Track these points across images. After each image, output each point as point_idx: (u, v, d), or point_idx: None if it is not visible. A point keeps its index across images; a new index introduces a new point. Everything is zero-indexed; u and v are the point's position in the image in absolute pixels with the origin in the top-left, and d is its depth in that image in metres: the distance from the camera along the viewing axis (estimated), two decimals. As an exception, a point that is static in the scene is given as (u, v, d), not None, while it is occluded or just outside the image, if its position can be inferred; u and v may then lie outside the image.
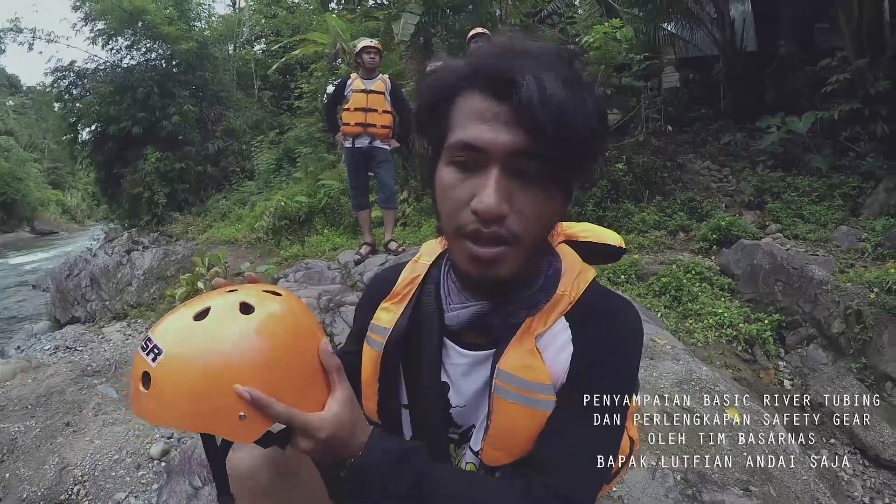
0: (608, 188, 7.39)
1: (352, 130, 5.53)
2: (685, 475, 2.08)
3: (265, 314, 0.93)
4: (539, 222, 0.93)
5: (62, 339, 7.42)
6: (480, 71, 0.90)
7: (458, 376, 1.12)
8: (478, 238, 0.91)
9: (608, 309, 1.08)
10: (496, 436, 1.04)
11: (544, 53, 0.89)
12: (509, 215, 0.89)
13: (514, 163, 0.88)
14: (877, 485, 3.60)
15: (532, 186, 0.90)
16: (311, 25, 14.39)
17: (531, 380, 1.01)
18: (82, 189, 40.50)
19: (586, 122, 0.86)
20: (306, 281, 5.74)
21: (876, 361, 4.04)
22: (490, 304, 1.05)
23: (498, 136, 0.86)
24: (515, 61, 0.87)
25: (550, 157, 0.86)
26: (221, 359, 0.86)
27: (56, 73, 16.86)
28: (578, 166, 0.93)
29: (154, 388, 0.86)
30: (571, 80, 0.87)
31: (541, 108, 0.83)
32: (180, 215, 14.53)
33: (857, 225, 6.05)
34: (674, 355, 3.35)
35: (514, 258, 0.93)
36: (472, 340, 1.10)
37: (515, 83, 0.84)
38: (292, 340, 0.95)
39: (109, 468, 3.64)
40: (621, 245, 1.29)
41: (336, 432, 0.92)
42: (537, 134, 0.84)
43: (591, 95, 0.89)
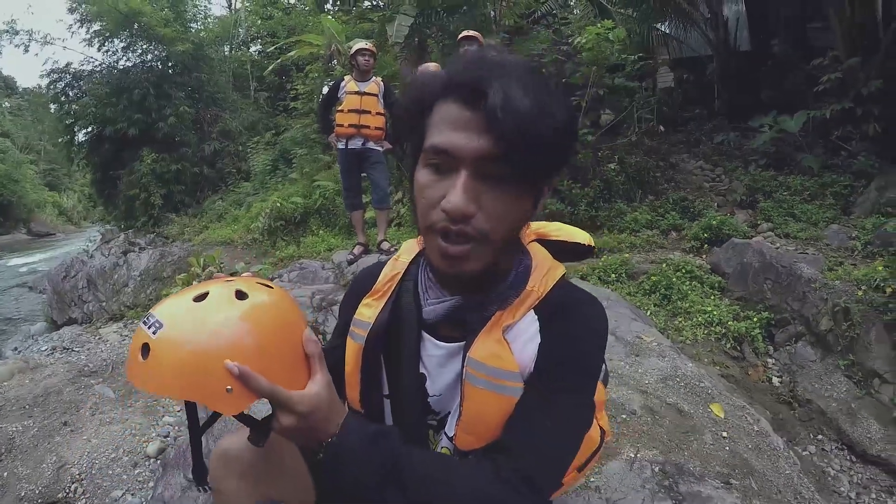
0: (601, 188, 7.42)
1: (345, 132, 5.57)
2: (663, 467, 2.12)
3: (257, 302, 1.01)
4: (505, 222, 0.98)
5: (59, 340, 7.46)
6: (455, 81, 0.95)
7: (435, 367, 1.18)
8: (447, 235, 0.97)
9: (575, 304, 1.13)
10: (468, 421, 1.10)
11: (514, 66, 0.94)
12: (476, 215, 0.94)
13: (483, 166, 0.93)
14: (864, 480, 3.63)
15: (499, 188, 0.94)
16: (306, 27, 14.41)
17: (499, 367, 1.06)
18: (78, 191, 40.47)
19: (551, 129, 0.91)
20: (300, 280, 5.78)
21: (863, 358, 4.07)
22: (464, 299, 1.11)
23: (468, 141, 0.92)
24: (486, 72, 0.92)
25: (515, 162, 0.91)
26: (215, 337, 0.94)
27: (52, 74, 16.88)
28: (544, 171, 0.98)
29: (152, 358, 0.93)
30: (538, 90, 0.91)
31: (506, 116, 0.88)
32: (176, 216, 14.56)
33: (848, 223, 6.08)
34: (659, 352, 3.39)
35: (481, 255, 0.99)
36: (447, 333, 1.16)
37: (484, 93, 0.90)
38: (279, 327, 1.02)
39: (106, 466, 3.67)
40: (590, 244, 1.34)
41: (315, 411, 0.96)
42: (503, 140, 0.89)
43: (558, 105, 0.93)
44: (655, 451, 2.30)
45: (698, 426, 2.65)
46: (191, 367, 0.92)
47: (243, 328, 0.96)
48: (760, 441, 2.76)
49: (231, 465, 1.25)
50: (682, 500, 1.96)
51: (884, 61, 7.00)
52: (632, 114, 8.77)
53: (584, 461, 1.40)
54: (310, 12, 16.61)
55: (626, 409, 2.68)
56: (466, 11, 9.58)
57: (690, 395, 2.97)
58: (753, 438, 2.75)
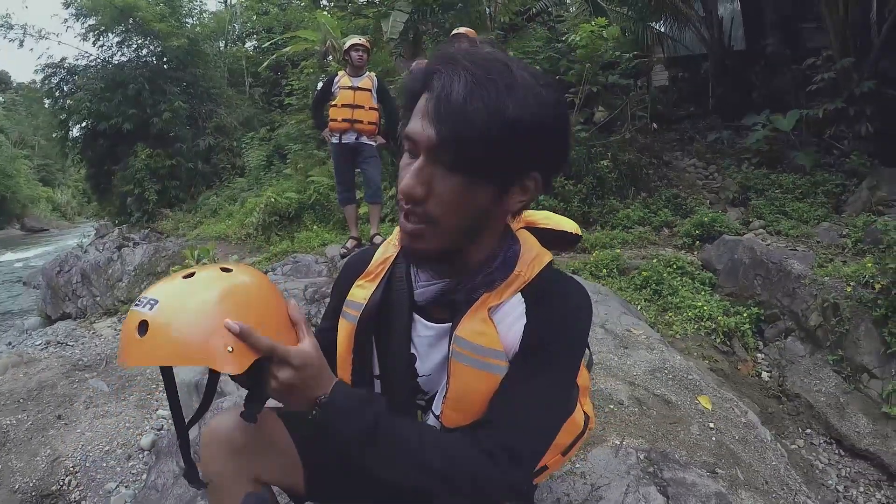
0: (594, 185, 7.46)
1: (339, 126, 5.59)
2: (648, 454, 2.14)
3: (242, 274, 1.10)
4: (456, 209, 1.00)
5: (53, 335, 7.45)
6: (426, 74, 0.99)
7: (425, 347, 1.21)
8: (405, 214, 1.03)
9: (561, 288, 1.17)
10: (454, 398, 1.14)
11: (474, 60, 0.95)
12: (427, 198, 0.99)
13: (435, 154, 0.96)
14: (852, 474, 3.66)
15: (450, 177, 0.97)
16: (301, 22, 14.38)
17: (484, 345, 1.10)
18: (72, 186, 40.33)
19: (495, 125, 0.91)
20: (294, 274, 5.80)
21: (852, 353, 4.11)
22: (453, 281, 1.15)
23: (422, 129, 0.96)
24: (440, 64, 0.96)
25: (454, 153, 0.94)
26: (211, 303, 1.00)
27: (47, 69, 16.78)
28: (498, 165, 0.97)
29: (151, 331, 0.96)
30: (489, 85, 0.92)
31: (439, 106, 0.93)
32: (171, 212, 14.54)
33: (839, 222, 6.11)
34: (648, 345, 3.41)
35: (432, 237, 1.03)
36: (438, 315, 1.19)
37: (433, 83, 0.96)
38: (266, 295, 1.09)
39: (100, 459, 3.68)
40: (577, 232, 1.39)
41: (307, 366, 1.01)
42: (439, 129, 0.94)
43: (517, 103, 0.93)
44: (641, 439, 2.33)
45: (685, 417, 2.68)
46: (193, 331, 0.97)
47: (236, 294, 1.03)
48: (748, 433, 2.78)
49: (221, 445, 1.27)
50: (667, 486, 1.98)
51: (877, 62, 7.05)
52: (625, 111, 8.80)
53: (567, 445, 1.44)
54: (305, 8, 16.57)
55: (613, 400, 2.70)
56: (461, 8, 9.60)
57: (678, 387, 2.99)
58: (741, 430, 2.77)
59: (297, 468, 1.37)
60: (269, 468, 1.31)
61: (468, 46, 1.05)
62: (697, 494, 1.96)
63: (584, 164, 7.61)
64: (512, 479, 1.05)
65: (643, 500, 1.90)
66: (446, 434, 1.11)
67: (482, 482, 1.02)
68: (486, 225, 1.08)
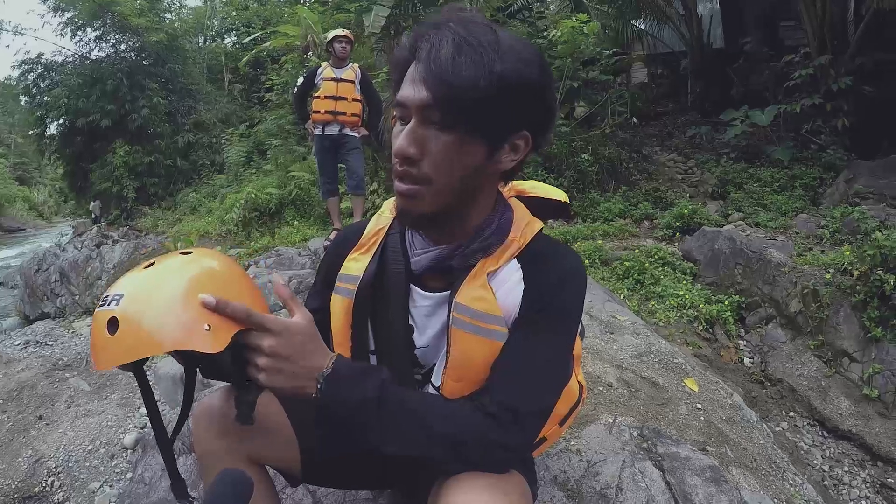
0: (574, 178, 7.52)
1: (322, 118, 5.57)
2: (641, 431, 2.16)
3: (205, 256, 1.07)
4: (449, 168, 1.01)
5: (32, 335, 7.33)
6: (412, 41, 1.01)
7: (422, 318, 1.20)
8: (400, 176, 1.03)
9: (555, 253, 1.17)
10: (455, 366, 1.13)
11: (460, 21, 0.97)
12: (421, 159, 1.00)
13: (426, 115, 0.97)
14: (836, 454, 3.73)
15: (442, 136, 0.98)
16: (282, 18, 14.31)
17: (483, 310, 1.10)
18: (49, 185, 39.80)
19: (483, 81, 0.93)
20: (277, 266, 5.76)
21: (832, 338, 4.18)
22: (449, 247, 1.14)
23: (413, 92, 0.97)
24: (428, 28, 0.98)
25: (445, 110, 0.96)
26: (179, 285, 0.96)
27: (23, 65, 16.54)
28: (487, 122, 0.99)
29: (123, 326, 0.93)
30: (475, 44, 0.94)
31: (429, 66, 0.95)
32: (150, 209, 14.41)
33: (816, 213, 6.22)
34: (634, 330, 3.44)
35: (428, 197, 1.03)
36: (434, 285, 1.18)
37: (419, 47, 0.97)
38: (233, 273, 1.07)
39: (83, 459, 3.65)
40: (566, 200, 1.39)
41: (298, 336, 0.98)
42: (430, 89, 0.95)
43: (504, 60, 0.95)
44: (632, 418, 2.35)
45: (673, 398, 2.70)
46: (166, 316, 0.93)
47: (202, 274, 1.01)
48: (734, 413, 2.81)
49: (213, 423, 1.25)
50: (662, 460, 2.00)
51: (853, 59, 7.18)
52: (606, 106, 8.86)
53: (564, 414, 1.43)
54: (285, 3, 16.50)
55: (602, 382, 2.72)
56: (443, 4, 9.60)
57: (665, 370, 3.02)
58: (727, 411, 2.81)
59: (294, 449, 1.35)
60: (264, 448, 1.30)
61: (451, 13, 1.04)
62: (692, 468, 1.98)
63: (565, 158, 7.67)
64: (517, 441, 1.06)
65: (640, 475, 1.92)
66: (450, 401, 1.10)
67: (488, 445, 1.03)
68: (479, 185, 1.09)
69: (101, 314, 0.94)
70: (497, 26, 1.01)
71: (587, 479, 1.90)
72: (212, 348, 0.93)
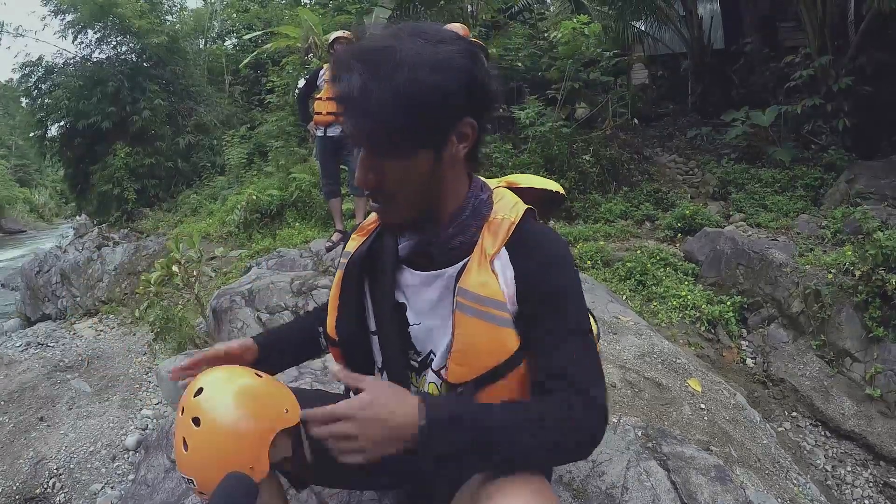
0: (576, 179, 7.53)
1: (324, 119, 5.58)
2: (646, 431, 2.17)
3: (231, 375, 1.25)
4: (405, 183, 1.10)
5: (33, 336, 7.35)
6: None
7: (413, 295, 1.27)
8: (372, 200, 1.16)
9: (540, 234, 1.22)
10: (460, 350, 1.16)
11: (365, 53, 1.04)
12: (379, 183, 1.10)
13: (366, 143, 1.07)
14: (838, 454, 3.74)
15: (388, 157, 1.07)
16: (283, 20, 14.32)
17: (485, 294, 1.14)
18: (50, 187, 39.74)
19: (389, 109, 1.00)
20: (279, 268, 5.76)
21: (834, 338, 4.19)
22: (425, 237, 1.23)
23: (348, 125, 1.07)
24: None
25: (368, 140, 1.06)
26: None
27: (24, 68, 16.48)
28: (408, 139, 1.05)
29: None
30: (379, 72, 1.01)
31: (347, 108, 1.05)
32: (150, 211, 14.36)
33: (817, 214, 6.22)
34: (636, 331, 3.45)
35: (396, 211, 1.16)
36: (423, 264, 1.26)
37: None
38: (267, 383, 1.25)
39: (85, 460, 3.66)
40: (559, 190, 1.48)
41: (378, 408, 1.04)
42: (350, 124, 1.06)
43: (403, 82, 1.00)
44: (637, 417, 2.36)
45: (677, 399, 2.72)
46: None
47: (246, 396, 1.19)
48: (737, 413, 2.83)
49: None
50: (667, 459, 2.01)
51: (854, 59, 7.18)
52: (607, 108, 8.88)
53: None
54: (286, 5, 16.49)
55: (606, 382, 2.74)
56: (444, 6, 9.64)
57: (668, 370, 3.03)
58: (731, 411, 2.82)
59: (306, 448, 1.35)
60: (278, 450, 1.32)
61: (347, 46, 1.14)
62: (697, 467, 1.99)
63: (566, 160, 7.67)
64: (596, 422, 1.09)
65: (645, 474, 1.93)
66: (537, 404, 1.10)
67: (579, 435, 1.08)
68: (440, 181, 1.14)
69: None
70: (404, 33, 1.06)
71: (592, 479, 1.91)
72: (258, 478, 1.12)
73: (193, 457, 1.13)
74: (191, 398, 1.16)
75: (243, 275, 5.87)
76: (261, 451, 1.13)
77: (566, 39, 7.86)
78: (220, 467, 1.10)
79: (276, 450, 1.17)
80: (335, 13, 12.12)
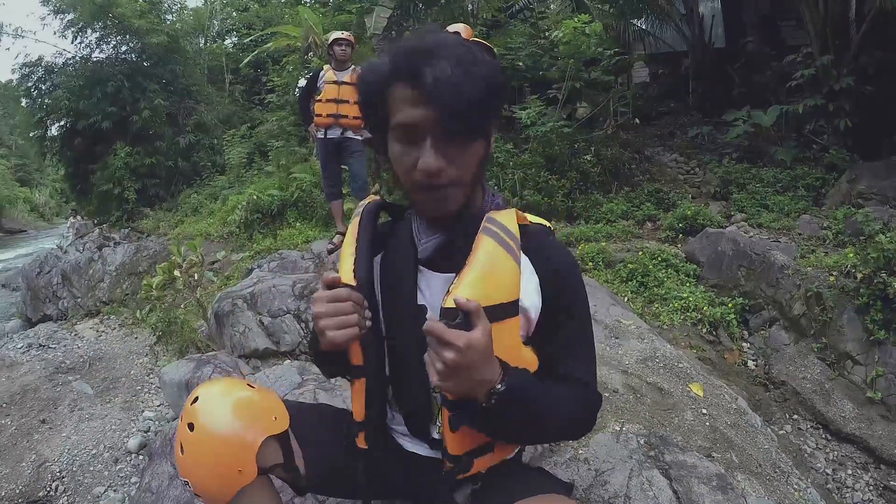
0: (577, 179, 7.53)
1: (324, 122, 5.58)
2: (648, 439, 2.17)
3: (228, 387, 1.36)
4: (469, 164, 1.20)
5: (35, 338, 7.34)
6: (400, 67, 1.15)
7: (437, 298, 1.26)
8: (430, 188, 1.18)
9: (554, 244, 1.38)
10: (478, 272, 1.20)
11: (442, 45, 1.14)
12: (446, 168, 1.15)
13: (439, 129, 1.13)
14: (839, 457, 3.73)
15: (457, 142, 1.16)
16: (283, 19, 14.30)
17: (512, 230, 1.26)
18: (50, 186, 39.78)
19: (479, 90, 1.12)
20: (280, 270, 5.75)
21: (836, 341, 4.17)
22: (452, 231, 1.29)
23: (423, 113, 1.12)
24: (421, 57, 1.12)
25: (461, 121, 1.12)
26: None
27: (24, 68, 16.48)
28: (485, 119, 1.19)
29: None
30: (463, 61, 1.12)
31: (441, 88, 1.09)
32: (151, 211, 14.36)
33: (819, 214, 6.21)
34: (639, 335, 3.45)
35: (458, 194, 1.21)
36: (446, 266, 1.29)
37: (423, 74, 1.10)
38: (261, 393, 1.36)
39: (87, 463, 3.65)
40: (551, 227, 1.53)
41: (481, 357, 1.07)
42: (445, 107, 1.10)
43: (482, 67, 1.14)
44: (639, 425, 2.36)
45: (679, 404, 2.72)
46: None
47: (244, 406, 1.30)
48: (739, 418, 2.83)
49: None
50: (669, 468, 2.01)
51: (856, 58, 7.16)
52: (608, 107, 8.87)
53: None
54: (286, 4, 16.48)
55: (608, 388, 2.73)
56: (444, 4, 9.62)
57: (670, 375, 3.03)
58: (732, 416, 2.82)
59: (298, 457, 1.38)
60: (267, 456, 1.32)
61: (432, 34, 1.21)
62: (699, 476, 1.99)
63: (567, 160, 7.67)
64: (596, 406, 1.37)
65: (647, 483, 1.93)
66: (561, 388, 1.27)
67: (589, 416, 1.35)
68: (482, 171, 1.28)
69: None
70: (445, 35, 1.19)
71: (596, 489, 1.92)
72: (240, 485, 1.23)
73: (187, 460, 1.22)
74: (188, 405, 1.26)
75: (245, 277, 5.86)
76: (248, 456, 1.21)
77: (567, 39, 7.86)
78: (210, 470, 1.21)
79: (266, 456, 1.25)
80: (335, 12, 12.09)
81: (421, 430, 1.40)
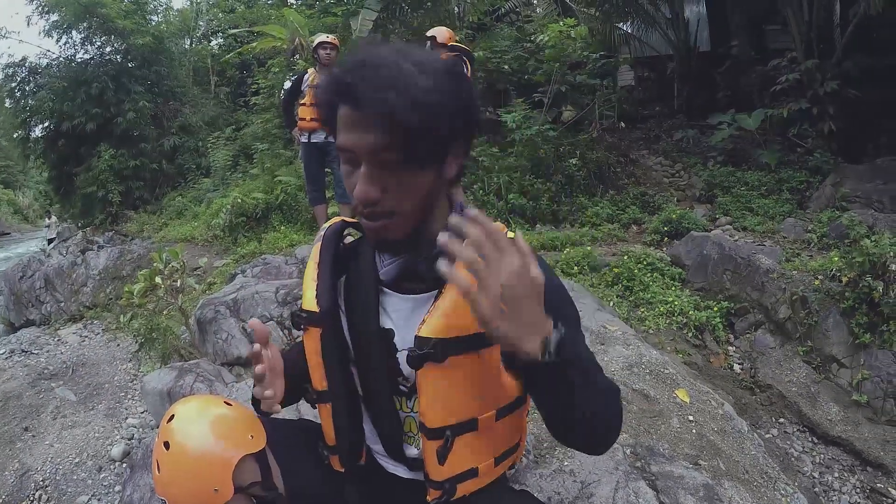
0: (562, 183, 7.53)
1: (308, 125, 5.55)
2: (634, 449, 2.16)
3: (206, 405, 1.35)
4: (410, 196, 1.09)
5: (17, 343, 7.24)
6: (339, 87, 1.06)
7: (403, 320, 1.26)
8: (368, 216, 1.10)
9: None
10: (450, 303, 1.16)
11: (385, 64, 1.03)
12: (381, 197, 1.06)
13: (376, 157, 1.03)
14: (826, 460, 3.74)
15: (396, 171, 1.05)
16: (269, 20, 14.23)
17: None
18: (34, 188, 39.43)
19: (419, 119, 0.99)
20: (264, 276, 5.70)
21: (821, 344, 4.20)
22: (412, 256, 1.21)
23: (358, 139, 1.04)
24: (357, 78, 1.02)
25: (394, 151, 1.02)
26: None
27: (7, 69, 16.32)
28: (431, 148, 1.06)
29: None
30: (403, 82, 1.00)
31: (373, 114, 1.00)
32: (135, 213, 14.24)
33: (804, 217, 6.24)
34: (624, 341, 3.44)
35: (397, 226, 1.11)
36: (409, 287, 1.25)
37: (357, 97, 1.01)
38: (236, 411, 1.34)
39: (71, 471, 3.62)
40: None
41: (536, 297, 0.95)
42: (380, 133, 1.01)
43: (428, 91, 1.01)
44: (626, 434, 2.35)
45: (665, 411, 2.71)
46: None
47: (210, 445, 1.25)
48: (725, 424, 2.82)
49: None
50: (656, 479, 2.00)
51: (840, 63, 7.22)
52: (593, 110, 8.89)
53: (503, 451, 1.48)
54: (272, 5, 16.40)
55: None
56: (431, 7, 9.62)
57: (656, 381, 3.02)
58: (718, 422, 2.81)
59: (276, 476, 1.36)
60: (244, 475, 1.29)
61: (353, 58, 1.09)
62: (686, 487, 1.98)
63: (552, 163, 7.67)
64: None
65: (634, 495, 1.92)
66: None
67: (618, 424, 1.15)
68: (436, 197, 1.16)
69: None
70: (407, 51, 1.07)
71: (581, 502, 1.90)
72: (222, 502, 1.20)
73: (164, 478, 1.21)
74: (164, 424, 1.25)
75: (228, 283, 5.81)
76: (224, 475, 1.19)
77: (553, 42, 7.87)
78: (186, 489, 1.20)
79: (242, 474, 1.23)
80: (321, 14, 12.05)
81: (395, 451, 1.37)
